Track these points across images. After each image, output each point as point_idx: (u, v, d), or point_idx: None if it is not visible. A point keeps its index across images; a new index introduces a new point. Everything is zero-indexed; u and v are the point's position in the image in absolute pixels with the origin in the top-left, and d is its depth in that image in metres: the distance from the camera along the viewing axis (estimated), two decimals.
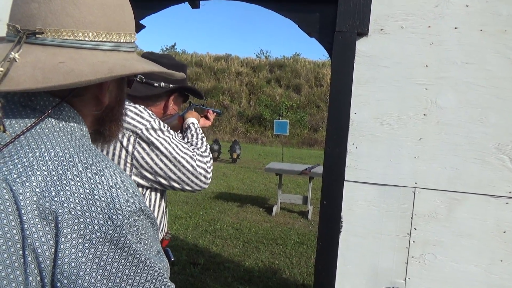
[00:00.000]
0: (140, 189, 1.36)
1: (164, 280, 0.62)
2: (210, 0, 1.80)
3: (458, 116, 1.55)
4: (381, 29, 1.60)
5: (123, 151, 1.29)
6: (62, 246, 0.53)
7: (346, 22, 1.59)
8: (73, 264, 0.53)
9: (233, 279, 3.70)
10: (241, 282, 3.65)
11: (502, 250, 1.56)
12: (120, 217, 0.57)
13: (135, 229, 0.59)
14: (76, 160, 0.59)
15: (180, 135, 1.81)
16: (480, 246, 1.57)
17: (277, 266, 4.12)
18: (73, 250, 0.54)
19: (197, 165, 1.36)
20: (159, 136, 1.31)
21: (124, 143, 1.28)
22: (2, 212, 0.53)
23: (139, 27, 1.94)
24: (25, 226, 0.53)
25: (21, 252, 0.53)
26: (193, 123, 1.60)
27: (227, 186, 8.46)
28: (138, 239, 0.59)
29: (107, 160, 0.63)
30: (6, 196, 0.53)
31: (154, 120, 1.34)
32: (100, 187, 0.57)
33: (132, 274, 0.57)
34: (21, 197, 0.53)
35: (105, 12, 0.65)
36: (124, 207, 0.58)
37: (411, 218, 1.63)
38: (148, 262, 0.59)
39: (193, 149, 1.40)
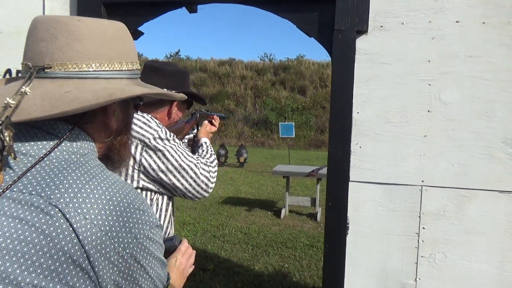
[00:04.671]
0: (149, 193, 1.40)
1: None
2: (207, 4, 1.78)
3: (463, 111, 1.52)
4: (381, 26, 1.57)
5: (131, 159, 1.35)
6: None
7: (345, 20, 1.57)
8: None
9: (243, 284, 3.67)
10: (251, 287, 3.63)
11: None
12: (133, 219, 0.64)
13: (135, 223, 0.65)
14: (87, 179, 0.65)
15: (185, 144, 1.82)
16: (491, 243, 1.53)
17: (287, 270, 4.08)
18: None
19: (200, 173, 1.41)
20: (165, 145, 1.37)
21: (132, 151, 1.35)
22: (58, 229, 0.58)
23: (137, 34, 1.94)
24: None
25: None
26: (205, 142, 1.66)
27: (235, 190, 8.44)
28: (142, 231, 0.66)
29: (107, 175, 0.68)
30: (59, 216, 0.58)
31: (161, 130, 1.39)
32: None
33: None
34: (73, 220, 0.58)
35: (106, 44, 0.70)
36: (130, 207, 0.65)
37: (419, 217, 1.60)
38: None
39: (197, 158, 1.45)
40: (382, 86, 1.59)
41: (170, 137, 1.40)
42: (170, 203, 1.49)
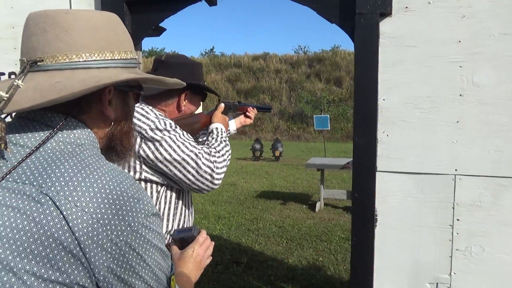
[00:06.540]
0: (154, 185, 1.38)
1: None
2: None
3: (499, 93, 1.41)
4: (406, 7, 1.49)
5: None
6: None
7: (367, 3, 1.49)
8: None
9: (276, 277, 3.66)
10: (284, 280, 3.61)
11: None
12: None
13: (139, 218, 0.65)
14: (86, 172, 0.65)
15: (203, 136, 1.78)
16: None
17: (321, 263, 4.03)
18: None
19: (203, 163, 1.35)
20: (164, 135, 1.33)
21: None
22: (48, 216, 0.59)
23: (160, 30, 1.96)
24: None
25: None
26: (216, 128, 1.58)
27: (270, 184, 8.44)
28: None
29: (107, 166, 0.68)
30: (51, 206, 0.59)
31: (159, 121, 1.35)
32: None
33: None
34: (63, 207, 0.59)
35: (96, 34, 0.71)
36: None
37: (453, 208, 1.51)
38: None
39: (201, 147, 1.39)
40: (409, 71, 1.50)
41: (170, 127, 1.35)
42: (181, 196, 1.46)
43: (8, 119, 0.69)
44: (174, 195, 1.43)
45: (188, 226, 1.51)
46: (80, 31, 0.69)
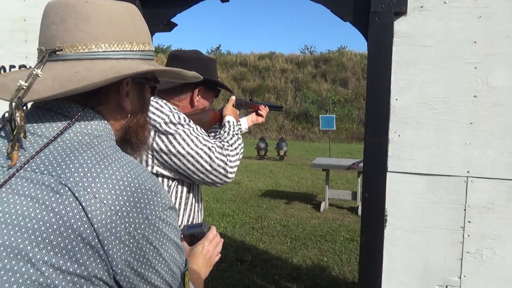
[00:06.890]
0: (165, 180, 1.38)
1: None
2: None
3: None
4: (421, 6, 1.47)
5: None
6: None
7: (382, 2, 1.48)
8: None
9: (281, 277, 3.66)
10: (288, 280, 3.60)
11: None
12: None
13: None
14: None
15: (218, 132, 1.77)
16: None
17: (325, 264, 4.02)
18: None
19: (216, 157, 1.35)
20: (178, 129, 1.33)
21: None
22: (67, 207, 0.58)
23: (171, 25, 1.95)
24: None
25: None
26: (228, 121, 1.58)
27: (274, 183, 8.44)
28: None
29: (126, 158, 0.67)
30: (70, 198, 0.58)
31: (173, 114, 1.35)
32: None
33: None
34: (82, 198, 0.58)
35: (115, 25, 0.70)
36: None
37: (464, 210, 1.49)
38: None
39: (214, 142, 1.39)
40: (423, 71, 1.49)
41: (184, 121, 1.35)
42: (192, 192, 1.46)
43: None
44: (185, 190, 1.43)
45: (198, 222, 1.51)
46: (100, 21, 0.69)
